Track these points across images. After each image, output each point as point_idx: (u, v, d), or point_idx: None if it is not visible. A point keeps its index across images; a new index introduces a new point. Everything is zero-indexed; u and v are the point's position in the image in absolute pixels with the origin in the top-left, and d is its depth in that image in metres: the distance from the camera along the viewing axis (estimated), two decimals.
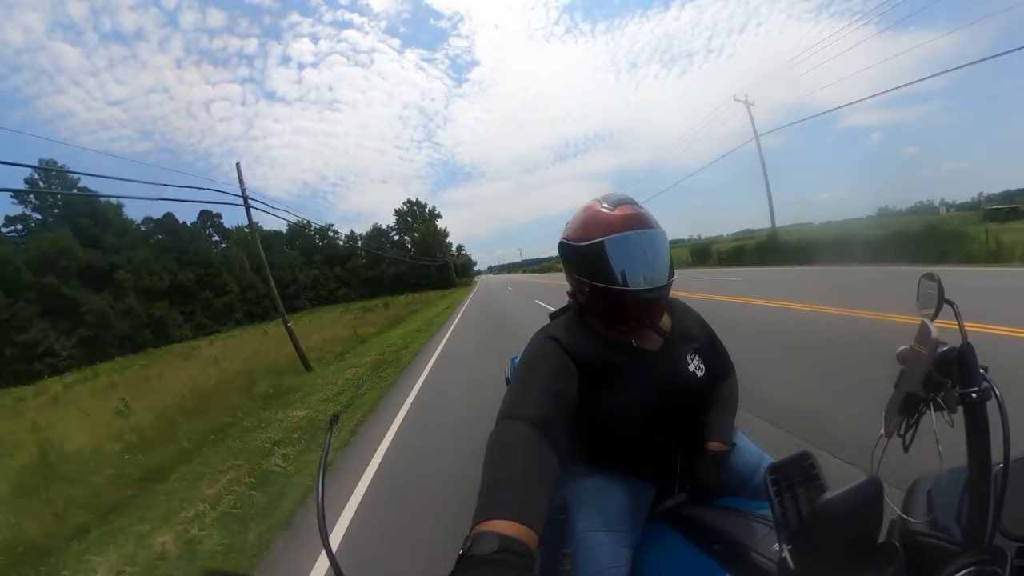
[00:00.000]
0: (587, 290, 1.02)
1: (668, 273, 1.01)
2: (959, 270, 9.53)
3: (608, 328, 1.05)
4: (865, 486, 0.52)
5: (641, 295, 0.98)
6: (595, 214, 1.02)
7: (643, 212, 1.01)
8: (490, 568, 0.53)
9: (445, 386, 6.16)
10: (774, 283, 11.22)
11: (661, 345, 1.07)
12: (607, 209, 1.01)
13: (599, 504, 0.98)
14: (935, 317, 0.66)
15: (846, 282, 9.99)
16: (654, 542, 0.97)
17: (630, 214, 0.99)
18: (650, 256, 0.99)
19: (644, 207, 1.03)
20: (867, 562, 0.55)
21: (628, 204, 1.01)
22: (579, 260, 1.03)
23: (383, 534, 2.73)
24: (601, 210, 1.01)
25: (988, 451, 0.56)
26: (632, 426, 1.00)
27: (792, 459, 0.60)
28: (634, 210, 1.00)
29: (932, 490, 0.69)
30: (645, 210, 1.02)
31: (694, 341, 1.12)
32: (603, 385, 0.98)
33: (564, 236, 1.08)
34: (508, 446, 0.74)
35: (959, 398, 0.58)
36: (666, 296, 1.04)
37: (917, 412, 0.65)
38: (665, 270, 1.00)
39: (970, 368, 0.58)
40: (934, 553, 0.59)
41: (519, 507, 0.62)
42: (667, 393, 1.02)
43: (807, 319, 6.21)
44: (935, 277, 0.68)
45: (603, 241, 0.97)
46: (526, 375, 0.91)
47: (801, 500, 0.57)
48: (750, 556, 0.78)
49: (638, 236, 0.97)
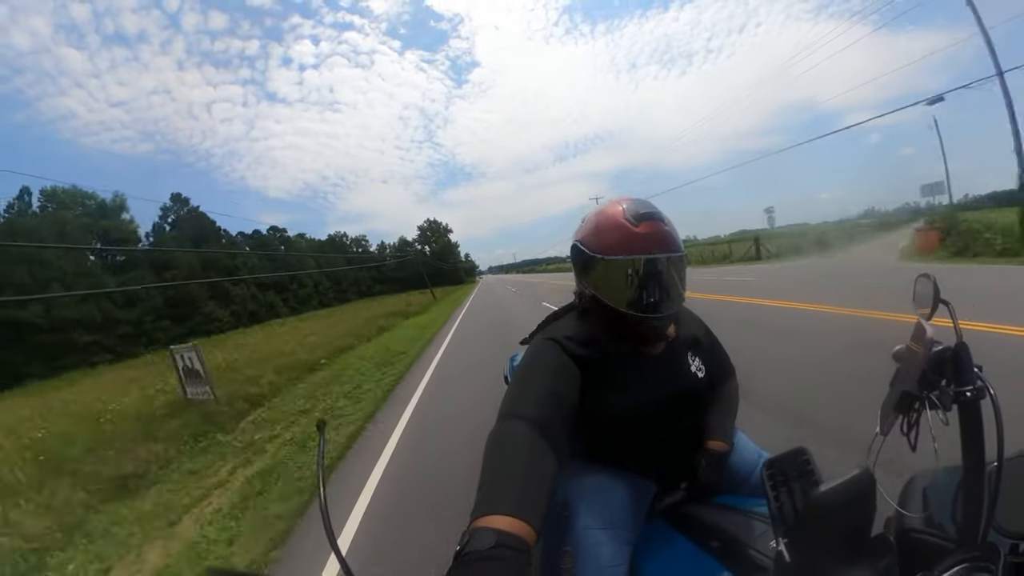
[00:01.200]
0: (595, 299, 1.01)
1: (681, 298, 0.98)
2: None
3: (610, 330, 1.04)
4: (858, 479, 0.53)
5: (650, 321, 0.97)
6: (616, 225, 0.96)
7: (668, 231, 0.95)
8: (487, 564, 0.53)
9: (476, 303, 24.29)
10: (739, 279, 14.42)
11: (663, 348, 1.07)
12: (630, 223, 0.94)
13: (600, 502, 0.98)
14: (930, 317, 0.67)
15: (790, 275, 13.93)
16: (653, 540, 0.98)
17: (655, 233, 0.93)
18: (666, 282, 0.95)
19: (669, 222, 0.97)
20: (861, 555, 0.56)
21: (654, 220, 0.94)
22: (591, 271, 1.01)
23: (447, 378, 6.79)
24: (623, 223, 0.95)
25: (982, 449, 0.56)
26: (633, 426, 1.00)
27: (788, 454, 0.61)
28: (659, 228, 0.94)
29: (927, 487, 0.70)
30: (670, 227, 0.96)
31: (695, 343, 1.13)
32: (604, 387, 0.98)
33: (579, 239, 1.04)
34: (507, 444, 0.74)
35: (954, 397, 0.59)
36: (673, 319, 1.01)
37: (912, 411, 0.66)
38: (679, 295, 0.97)
39: (965, 367, 0.58)
40: (928, 549, 0.60)
41: (517, 503, 0.62)
42: (669, 395, 1.02)
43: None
44: (931, 277, 0.69)
45: (619, 260, 0.94)
46: (526, 376, 0.91)
47: (796, 495, 0.58)
48: (748, 553, 0.78)
49: (658, 262, 0.93)
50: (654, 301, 0.95)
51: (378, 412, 5.62)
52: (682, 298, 0.99)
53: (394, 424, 4.96)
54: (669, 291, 0.96)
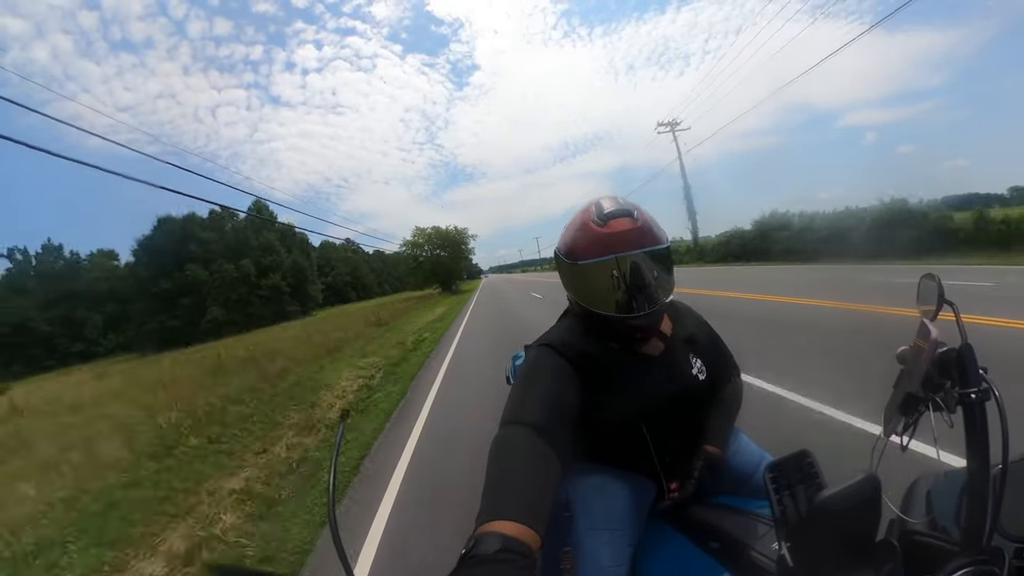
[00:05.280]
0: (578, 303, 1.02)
1: (662, 294, 0.95)
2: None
3: (602, 333, 1.04)
4: (863, 484, 0.52)
5: (628, 321, 0.96)
6: (583, 228, 0.95)
7: (638, 227, 0.92)
8: (492, 568, 0.53)
9: (490, 285, 50.40)
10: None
11: (662, 350, 1.06)
12: (597, 224, 0.93)
13: (601, 503, 0.98)
14: (935, 317, 0.66)
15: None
16: (654, 541, 0.98)
17: (620, 232, 0.91)
18: (640, 280, 0.93)
19: (645, 215, 0.95)
20: (865, 560, 0.55)
21: (622, 217, 0.92)
22: (567, 277, 1.02)
23: (471, 333, 11.99)
24: (590, 225, 0.94)
25: (987, 452, 0.56)
26: (633, 428, 1.00)
27: (791, 457, 0.61)
28: (627, 225, 0.91)
29: (931, 491, 0.69)
30: (643, 221, 0.93)
31: (696, 344, 1.11)
32: (603, 390, 0.97)
33: (557, 246, 1.05)
34: (510, 450, 0.75)
35: (958, 398, 0.58)
36: (658, 317, 1.00)
37: (916, 412, 0.65)
38: (657, 293, 0.94)
39: (969, 369, 0.58)
40: (932, 553, 0.59)
41: (521, 508, 0.63)
42: (669, 397, 1.01)
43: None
44: (935, 277, 0.68)
45: (584, 266, 0.93)
46: (526, 383, 0.91)
47: (800, 498, 0.57)
48: (749, 555, 0.78)
49: (622, 261, 0.91)
50: (628, 301, 0.93)
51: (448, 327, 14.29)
52: (666, 292, 0.96)
53: (460, 326, 13.87)
54: (644, 289, 0.93)
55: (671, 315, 1.13)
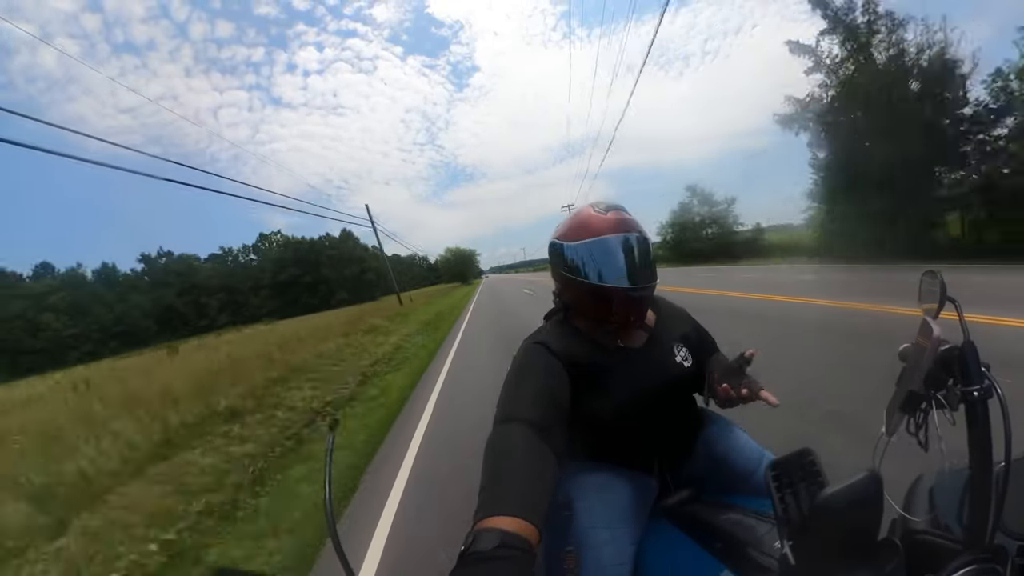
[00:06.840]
0: (575, 288, 1.06)
1: (653, 274, 1.06)
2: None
3: (594, 329, 1.07)
4: (865, 481, 0.52)
5: (629, 293, 1.01)
6: (588, 217, 1.07)
7: (632, 218, 1.08)
8: (491, 564, 0.54)
9: (489, 286, 55.75)
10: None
11: (646, 340, 1.10)
12: (599, 213, 1.07)
13: (602, 501, 0.98)
14: (937, 315, 0.66)
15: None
16: (656, 539, 0.98)
17: (622, 219, 1.05)
18: (638, 258, 1.04)
19: (632, 214, 1.11)
20: (867, 558, 0.55)
21: (619, 210, 1.08)
22: (571, 259, 1.06)
23: (482, 301, 25.96)
24: (594, 213, 1.07)
25: (989, 449, 0.56)
26: (624, 421, 1.01)
27: (793, 455, 0.60)
28: (625, 215, 1.07)
29: (933, 489, 0.69)
30: (633, 217, 1.10)
31: (679, 332, 1.15)
32: (593, 385, 0.99)
33: (555, 237, 1.13)
34: (506, 447, 0.76)
35: (961, 396, 0.58)
36: (651, 295, 1.07)
37: (919, 410, 0.65)
38: (651, 271, 1.06)
39: (972, 366, 0.58)
40: (935, 551, 0.59)
41: (519, 503, 0.63)
42: (656, 387, 1.03)
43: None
44: (937, 275, 0.68)
45: (596, 241, 1.02)
46: (518, 380, 0.93)
47: (802, 496, 0.57)
48: (751, 553, 0.78)
49: (628, 239, 1.03)
50: (631, 273, 1.01)
51: (460, 311, 21.66)
52: (655, 277, 1.07)
53: (471, 305, 24.14)
54: (642, 267, 1.03)
55: (653, 308, 1.17)
